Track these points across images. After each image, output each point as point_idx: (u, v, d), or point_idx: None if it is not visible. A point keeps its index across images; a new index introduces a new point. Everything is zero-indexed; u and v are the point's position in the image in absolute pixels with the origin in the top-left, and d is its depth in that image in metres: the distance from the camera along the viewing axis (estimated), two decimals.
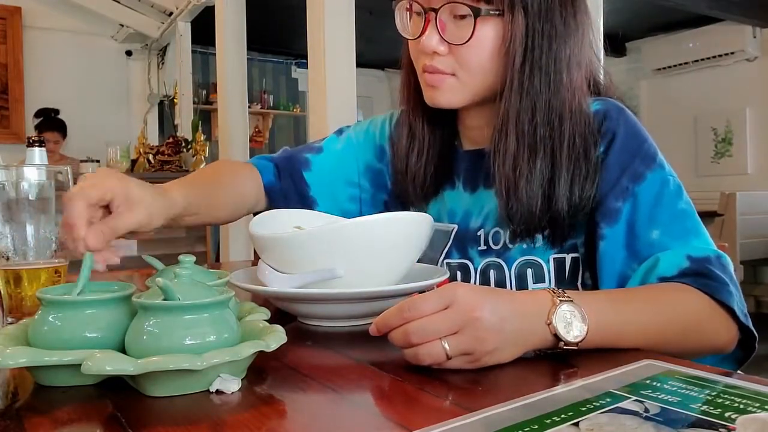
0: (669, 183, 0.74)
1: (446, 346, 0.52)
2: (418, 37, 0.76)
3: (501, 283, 0.82)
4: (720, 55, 5.01)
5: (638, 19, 4.94)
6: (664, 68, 5.41)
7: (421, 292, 0.88)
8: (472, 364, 0.53)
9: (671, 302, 0.67)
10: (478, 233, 0.85)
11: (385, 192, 0.98)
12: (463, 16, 0.74)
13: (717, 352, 0.70)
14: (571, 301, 0.58)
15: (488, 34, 0.74)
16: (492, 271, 0.82)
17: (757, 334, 0.70)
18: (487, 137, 0.81)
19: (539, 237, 0.80)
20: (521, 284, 0.80)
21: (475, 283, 0.84)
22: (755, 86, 4.93)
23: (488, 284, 0.82)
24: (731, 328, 0.68)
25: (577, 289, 0.79)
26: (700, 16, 4.66)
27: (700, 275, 0.68)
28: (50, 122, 4.20)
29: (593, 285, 0.78)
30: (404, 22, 0.80)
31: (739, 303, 0.68)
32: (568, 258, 0.79)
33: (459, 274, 0.85)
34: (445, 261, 0.87)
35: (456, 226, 0.87)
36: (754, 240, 4.15)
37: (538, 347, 0.57)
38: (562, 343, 0.56)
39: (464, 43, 0.74)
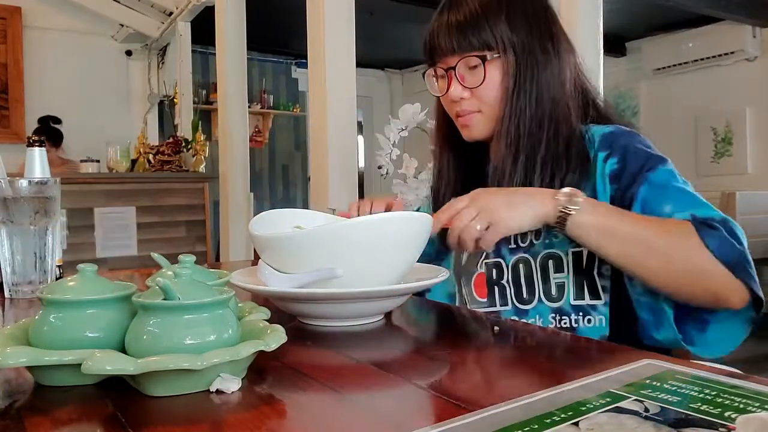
0: (676, 175, 0.88)
1: (477, 227, 0.79)
2: (446, 93, 0.97)
3: (529, 276, 0.93)
4: (720, 55, 5.00)
5: (638, 19, 4.94)
6: (664, 68, 5.40)
7: (421, 291, 0.89)
8: (497, 233, 0.79)
9: (663, 220, 0.81)
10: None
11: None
12: (474, 66, 0.95)
13: (718, 298, 0.78)
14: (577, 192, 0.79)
15: (495, 73, 0.95)
16: (521, 265, 0.94)
17: (759, 288, 0.77)
18: None
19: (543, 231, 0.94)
20: (544, 275, 0.92)
21: (507, 277, 0.96)
22: (755, 86, 4.92)
23: (518, 278, 0.95)
24: (721, 273, 0.77)
25: (594, 280, 0.91)
26: (699, 16, 4.66)
27: (698, 222, 0.79)
28: (43, 130, 4.20)
29: (613, 275, 0.89)
30: (433, 85, 1.02)
31: (729, 249, 0.77)
32: (585, 251, 0.90)
33: (494, 271, 0.97)
34: (484, 262, 0.98)
35: None
36: (754, 240, 4.11)
37: (542, 217, 0.80)
38: (562, 209, 0.78)
39: (480, 85, 0.95)
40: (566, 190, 0.80)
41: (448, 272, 0.80)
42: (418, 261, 0.76)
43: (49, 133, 4.22)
